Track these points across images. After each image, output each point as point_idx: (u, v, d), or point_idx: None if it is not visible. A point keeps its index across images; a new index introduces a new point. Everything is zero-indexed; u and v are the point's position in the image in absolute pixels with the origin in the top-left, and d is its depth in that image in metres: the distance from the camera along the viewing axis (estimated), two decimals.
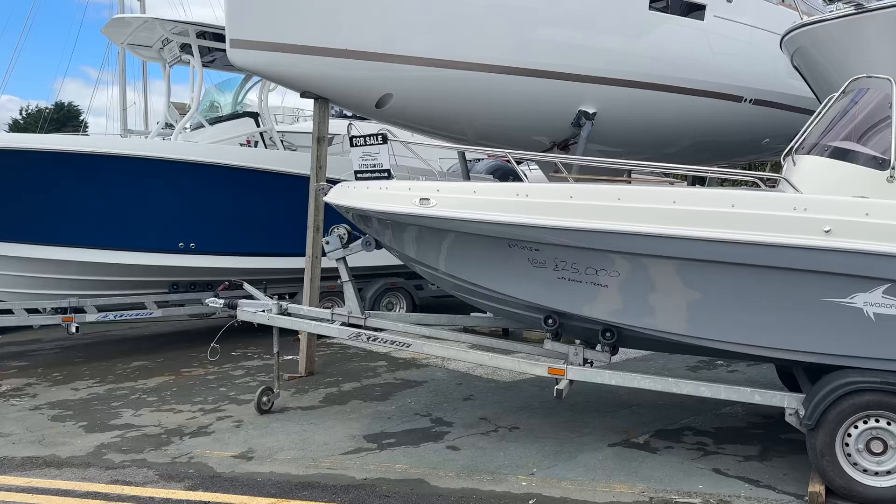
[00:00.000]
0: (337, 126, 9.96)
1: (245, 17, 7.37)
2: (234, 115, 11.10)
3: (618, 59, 8.97)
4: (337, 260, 6.42)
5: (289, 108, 17.63)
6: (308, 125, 10.93)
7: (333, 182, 6.37)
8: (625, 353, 8.26)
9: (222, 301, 6.80)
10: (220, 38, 8.47)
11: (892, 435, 4.49)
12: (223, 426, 6.30)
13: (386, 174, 5.66)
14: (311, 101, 8.16)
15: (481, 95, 8.57)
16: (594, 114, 9.22)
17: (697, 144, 10.87)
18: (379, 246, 6.23)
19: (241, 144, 10.50)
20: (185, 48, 10.14)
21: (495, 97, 8.66)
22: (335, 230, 6.40)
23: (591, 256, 4.99)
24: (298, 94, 8.19)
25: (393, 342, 6.09)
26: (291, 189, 9.32)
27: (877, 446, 4.53)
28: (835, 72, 6.47)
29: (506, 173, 12.17)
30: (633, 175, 13.16)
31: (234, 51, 7.45)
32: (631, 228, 4.76)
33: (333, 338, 7.54)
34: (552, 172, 9.62)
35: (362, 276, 10.25)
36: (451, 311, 7.59)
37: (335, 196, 5.98)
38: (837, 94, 5.28)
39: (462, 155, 10.76)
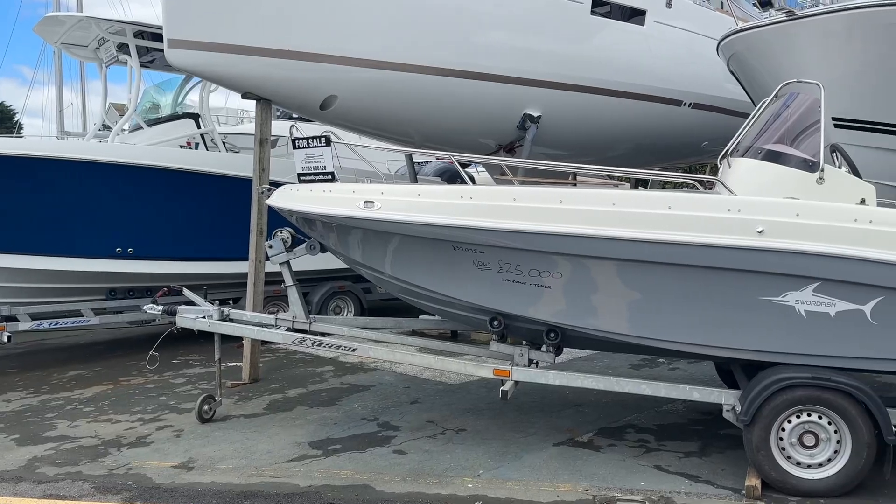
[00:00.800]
0: (280, 128, 9.84)
1: (183, 17, 7.20)
2: (174, 117, 10.83)
3: (561, 63, 9.08)
4: (281, 264, 6.32)
5: (233, 109, 17.33)
6: (252, 127, 10.75)
7: (276, 185, 6.27)
8: (570, 353, 8.38)
9: (161, 308, 6.61)
10: (159, 37, 8.25)
11: (823, 429, 4.65)
12: (163, 436, 6.13)
13: (329, 177, 5.61)
14: (255, 102, 8.03)
15: (427, 98, 8.57)
16: (539, 117, 9.31)
17: (639, 147, 11.09)
18: (324, 249, 6.16)
19: (181, 146, 10.26)
20: (123, 48, 9.85)
21: (441, 100, 8.67)
22: (278, 234, 6.30)
23: (535, 258, 5.04)
24: (240, 95, 8.05)
25: (338, 347, 6.04)
26: (233, 192, 9.15)
27: (809, 440, 4.68)
28: (768, 76, 6.68)
29: (454, 176, 12.20)
30: (578, 177, 13.39)
31: (172, 51, 7.27)
32: (572, 230, 4.83)
33: (278, 343, 7.42)
34: (498, 175, 9.70)
35: (309, 280, 10.14)
36: (400, 315, 7.56)
37: (278, 199, 5.89)
38: (770, 99, 5.45)
39: (409, 157, 10.75)
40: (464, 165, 13.18)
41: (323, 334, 6.38)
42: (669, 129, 10.62)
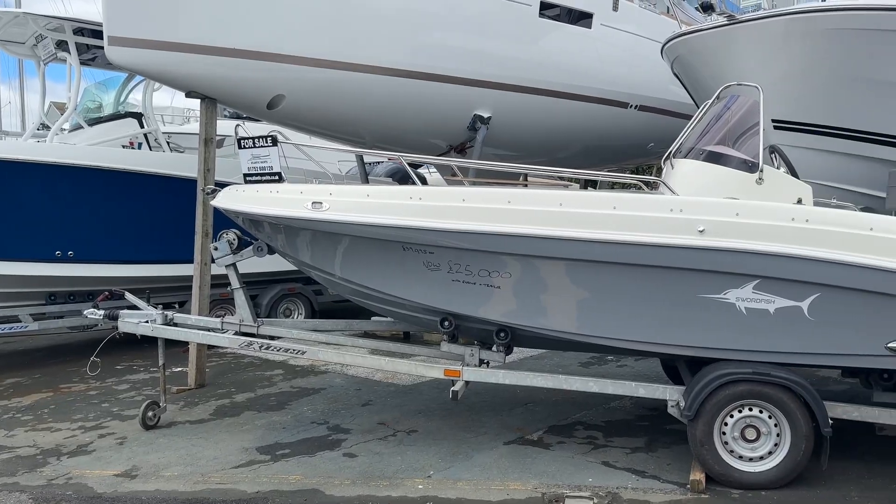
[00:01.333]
0: (226, 127, 9.66)
1: (124, 14, 7.01)
2: (116, 116, 10.53)
3: (510, 64, 9.15)
4: (226, 266, 6.21)
5: (179, 108, 16.95)
6: (198, 126, 10.54)
7: (222, 185, 6.16)
8: (522, 352, 8.45)
9: (102, 312, 6.42)
10: (100, 34, 8.01)
11: (764, 422, 4.79)
12: (105, 444, 5.96)
13: (276, 177, 5.53)
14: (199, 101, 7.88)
15: (377, 98, 8.53)
16: (489, 118, 9.36)
17: (588, 149, 11.25)
18: (271, 251, 6.07)
19: (124, 146, 9.99)
20: (62, 45, 9.53)
21: (391, 100, 8.64)
22: (224, 235, 6.20)
23: (484, 258, 5.06)
24: (184, 94, 7.88)
25: (287, 350, 5.96)
26: (178, 193, 8.94)
27: (751, 434, 4.81)
28: (710, 79, 6.84)
29: (405, 177, 12.13)
30: (528, 178, 13.50)
31: (112, 49, 7.07)
32: (520, 230, 4.87)
33: (225, 348, 7.29)
34: (449, 176, 9.71)
35: (258, 283, 10.01)
36: (352, 316, 7.50)
37: (224, 200, 5.79)
38: (711, 101, 5.58)
39: (360, 158, 10.68)
40: (416, 166, 13.23)
41: (272, 338, 6.30)
42: (617, 130, 10.79)
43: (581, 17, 9.67)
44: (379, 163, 13.44)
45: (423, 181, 11.62)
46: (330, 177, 6.45)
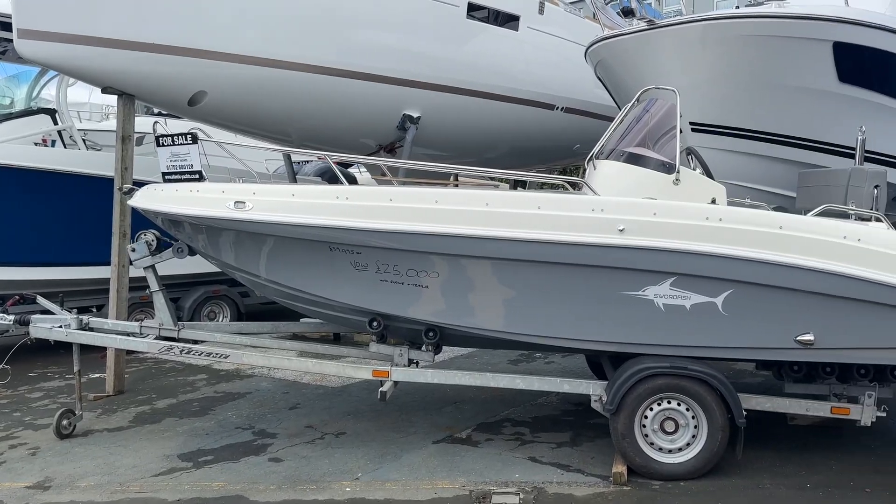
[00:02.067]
0: (145, 124, 9.34)
1: (35, 5, 6.69)
2: (28, 112, 10.01)
3: (439, 65, 9.18)
4: (145, 269, 6.00)
5: (97, 104, 16.30)
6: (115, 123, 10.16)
7: (140, 184, 5.95)
8: (453, 351, 8.49)
9: (13, 317, 6.11)
10: (10, 27, 7.63)
11: (682, 415, 4.95)
12: (16, 455, 5.67)
13: (197, 176, 5.38)
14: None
15: (304, 96, 8.41)
16: (418, 118, 9.37)
17: (516, 149, 11.40)
18: (192, 252, 5.90)
19: (36, 144, 9.53)
20: None
21: (319, 98, 8.54)
22: (142, 236, 5.99)
23: (412, 258, 5.06)
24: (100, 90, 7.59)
25: (209, 354, 5.82)
26: (94, 192, 8.58)
27: (670, 426, 4.97)
28: (631, 82, 7.03)
29: (335, 176, 12.01)
30: (459, 178, 13.58)
31: (22, 42, 6.74)
32: (448, 230, 4.89)
33: (145, 353, 7.04)
34: (379, 176, 9.68)
35: (180, 285, 9.72)
36: (280, 318, 7.36)
37: (142, 199, 5.60)
38: (631, 104, 5.73)
39: (287, 157, 10.51)
40: (347, 165, 13.12)
41: (194, 342, 6.13)
42: (544, 132, 10.97)
43: (508, 20, 9.79)
44: (308, 162, 13.24)
45: (353, 181, 11.56)
46: (255, 176, 6.34)
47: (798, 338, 4.79)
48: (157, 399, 7.23)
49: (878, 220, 5.06)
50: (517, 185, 13.13)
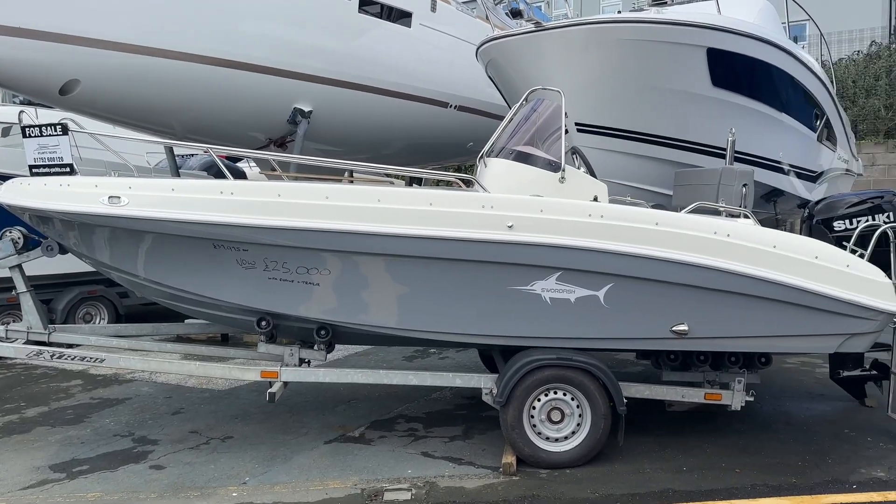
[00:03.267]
0: (12, 114, 8.69)
1: None
2: None
3: (330, 59, 9.03)
4: (10, 268, 5.59)
5: None
6: None
7: (5, 178, 5.53)
8: (347, 349, 8.41)
9: None
10: None
11: (567, 404, 5.12)
12: None
13: (67, 169, 5.06)
14: None
15: (187, 87, 8.04)
16: (310, 112, 9.18)
17: (411, 146, 11.39)
18: (64, 251, 5.55)
19: None
20: None
21: (203, 90, 8.19)
22: (7, 234, 5.60)
23: (302, 255, 4.97)
24: None
25: (83, 358, 5.49)
26: None
27: (556, 416, 5.13)
28: (520, 82, 7.17)
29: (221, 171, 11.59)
30: (355, 175, 13.44)
31: None
32: (339, 227, 4.83)
33: (13, 358, 6.56)
34: (269, 171, 9.41)
35: (53, 286, 9.13)
36: (164, 320, 7.03)
37: (7, 194, 5.22)
38: (519, 103, 5.85)
39: (169, 150, 10.05)
40: (237, 160, 12.68)
41: (67, 346, 5.77)
42: (438, 129, 11.02)
43: (401, 16, 9.76)
44: (192, 155, 12.71)
45: (242, 176, 11.20)
46: (132, 169, 6.03)
47: (673, 328, 5.03)
48: (26, 407, 6.75)
49: (745, 216, 5.39)
50: (412, 182, 13.15)
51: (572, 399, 5.11)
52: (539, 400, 5.09)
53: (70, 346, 5.87)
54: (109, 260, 5.26)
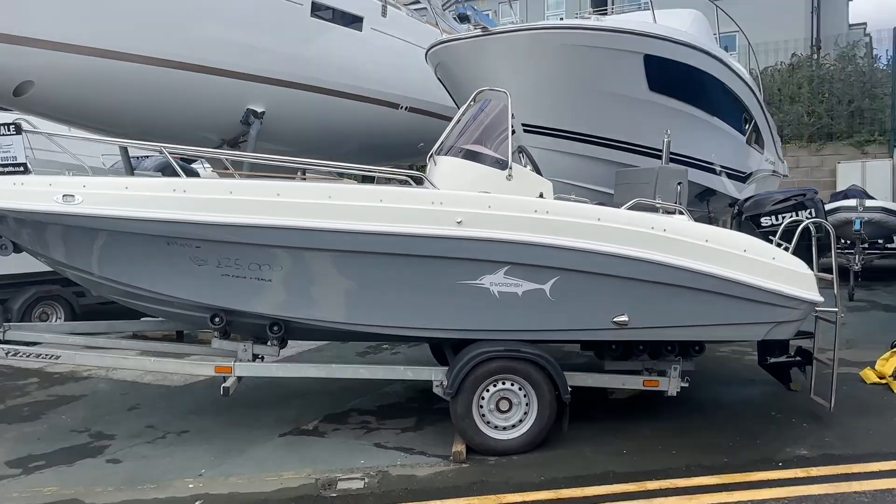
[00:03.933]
0: None
1: None
2: None
3: (283, 61, 9.16)
4: None
5: None
6: None
7: None
8: (301, 345, 8.49)
9: None
10: None
11: (514, 394, 5.34)
12: None
13: (21, 168, 5.10)
14: None
15: (141, 89, 8.10)
16: (263, 113, 9.28)
17: (364, 146, 11.56)
18: (18, 249, 5.55)
19: None
20: None
21: (156, 91, 8.26)
22: None
23: (254, 252, 5.09)
24: None
25: (38, 356, 5.52)
26: None
27: (504, 405, 5.34)
28: (468, 84, 7.38)
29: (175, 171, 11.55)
30: (308, 174, 13.50)
31: None
32: (290, 223, 4.97)
33: None
34: (221, 170, 9.46)
35: (8, 285, 9.08)
36: (121, 318, 7.04)
37: None
38: (468, 104, 6.07)
39: (124, 151, 10.02)
40: (191, 161, 12.63)
41: (23, 343, 5.78)
42: (389, 130, 11.22)
43: (352, 20, 9.93)
44: (147, 157, 12.64)
45: (196, 176, 11.17)
46: (87, 169, 6.06)
47: (615, 319, 5.28)
48: None
49: (681, 213, 5.70)
50: (365, 180, 13.28)
51: (520, 389, 5.33)
52: (488, 390, 5.30)
53: (26, 343, 5.87)
54: (65, 258, 5.31)
